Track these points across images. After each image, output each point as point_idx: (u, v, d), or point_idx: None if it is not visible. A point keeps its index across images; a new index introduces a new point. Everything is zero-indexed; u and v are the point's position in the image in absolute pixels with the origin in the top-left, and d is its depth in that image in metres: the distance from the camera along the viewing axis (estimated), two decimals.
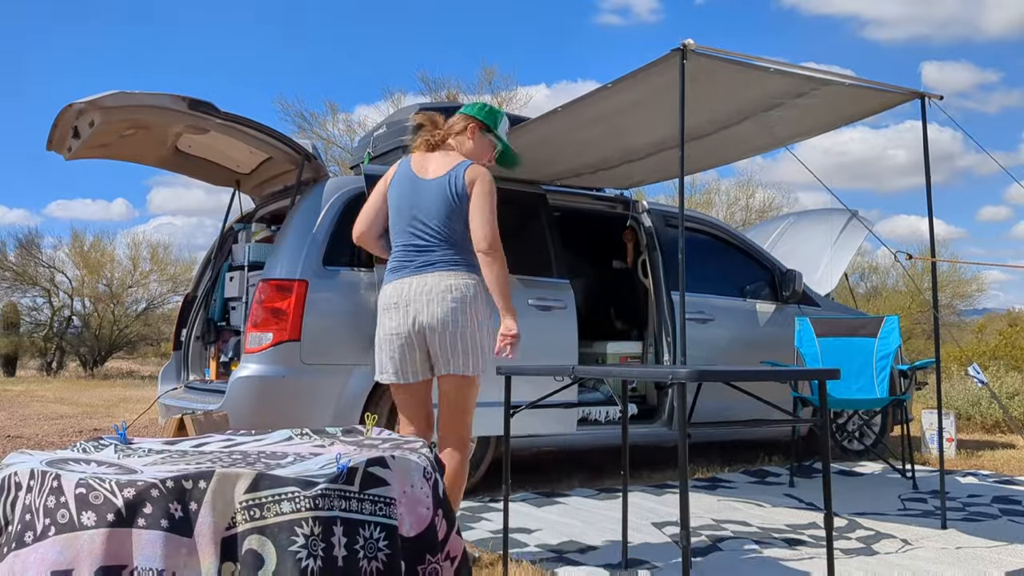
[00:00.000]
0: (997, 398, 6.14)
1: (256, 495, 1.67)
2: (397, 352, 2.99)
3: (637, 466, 5.51)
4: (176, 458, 1.98)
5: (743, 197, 18.66)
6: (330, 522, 1.70)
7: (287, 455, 2.04)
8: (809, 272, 6.39)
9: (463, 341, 2.94)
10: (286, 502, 1.67)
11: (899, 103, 4.11)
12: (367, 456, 1.87)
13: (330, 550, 1.69)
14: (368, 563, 1.75)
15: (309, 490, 1.69)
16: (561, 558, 3.25)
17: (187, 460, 1.94)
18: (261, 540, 1.65)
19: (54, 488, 1.65)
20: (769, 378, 4.77)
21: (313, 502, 1.68)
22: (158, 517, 1.60)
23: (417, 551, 1.87)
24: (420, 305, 2.94)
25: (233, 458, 1.96)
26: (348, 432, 2.37)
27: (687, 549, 2.24)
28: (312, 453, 2.08)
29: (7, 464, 1.81)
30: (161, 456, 2.01)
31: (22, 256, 18.32)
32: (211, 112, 4.19)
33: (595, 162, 4.97)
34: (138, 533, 1.59)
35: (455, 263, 2.99)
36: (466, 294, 2.96)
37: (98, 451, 2.05)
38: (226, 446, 2.17)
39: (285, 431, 2.34)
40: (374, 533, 1.79)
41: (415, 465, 1.93)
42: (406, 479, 1.90)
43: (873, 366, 5.18)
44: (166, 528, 1.61)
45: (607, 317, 6.43)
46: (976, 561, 3.23)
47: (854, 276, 17.98)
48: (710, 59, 3.51)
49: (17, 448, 6.27)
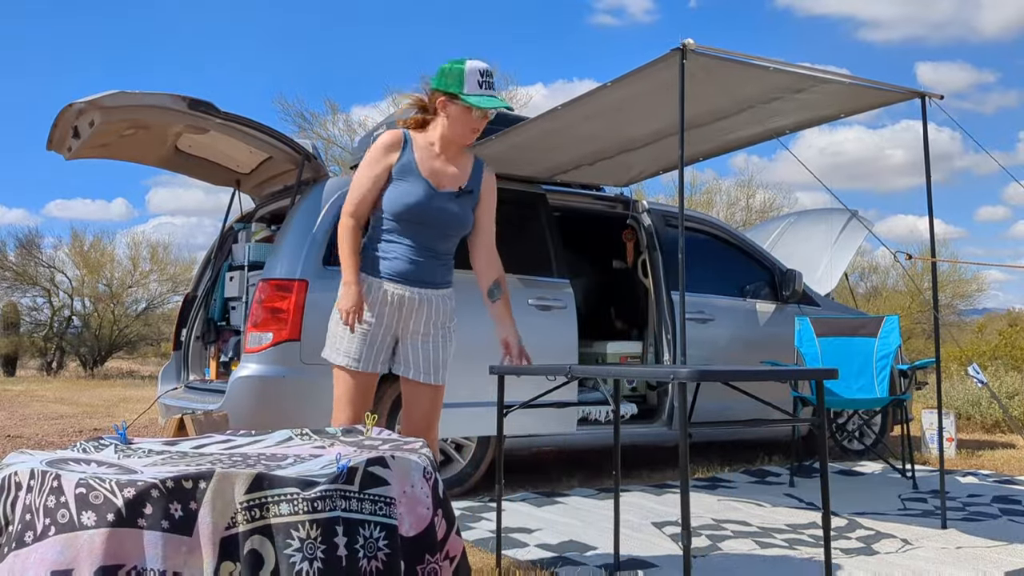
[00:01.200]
0: (997, 398, 6.14)
1: (256, 495, 1.67)
2: (378, 342, 2.84)
3: (637, 466, 5.51)
4: (176, 459, 1.98)
5: (743, 197, 18.67)
6: (331, 522, 1.70)
7: (287, 456, 2.04)
8: (809, 272, 6.39)
9: (447, 354, 2.94)
10: (285, 503, 1.67)
11: (900, 100, 4.12)
12: (367, 456, 1.87)
13: (332, 551, 1.69)
14: (368, 563, 1.75)
15: (309, 491, 1.69)
16: (561, 558, 3.25)
17: (187, 461, 1.94)
18: (261, 540, 1.66)
19: (54, 488, 1.65)
20: (769, 378, 4.76)
21: (313, 504, 1.68)
22: (158, 517, 1.60)
23: (416, 551, 1.87)
24: (420, 317, 2.87)
25: (233, 460, 1.96)
26: (348, 432, 2.37)
27: (688, 549, 2.24)
28: (312, 454, 2.08)
29: (7, 464, 1.81)
30: (161, 457, 2.01)
31: (22, 256, 18.33)
32: (211, 112, 4.19)
33: (594, 152, 4.98)
34: (138, 533, 1.59)
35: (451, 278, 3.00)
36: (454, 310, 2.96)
37: (98, 451, 2.05)
38: (226, 447, 2.17)
39: (285, 432, 2.34)
40: (374, 532, 1.79)
41: (415, 465, 1.93)
42: (406, 479, 1.90)
43: (873, 366, 5.18)
44: (166, 528, 1.61)
45: (607, 317, 6.43)
46: (976, 561, 3.23)
47: (854, 276, 18.00)
48: (709, 58, 3.51)
49: (17, 448, 6.27)
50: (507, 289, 3.04)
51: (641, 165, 5.34)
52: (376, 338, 2.84)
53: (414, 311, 2.86)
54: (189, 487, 1.65)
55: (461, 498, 4.47)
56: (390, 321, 2.86)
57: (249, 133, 4.42)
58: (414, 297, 2.85)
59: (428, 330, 2.89)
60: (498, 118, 5.37)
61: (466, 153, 2.94)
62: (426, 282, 2.87)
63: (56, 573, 1.55)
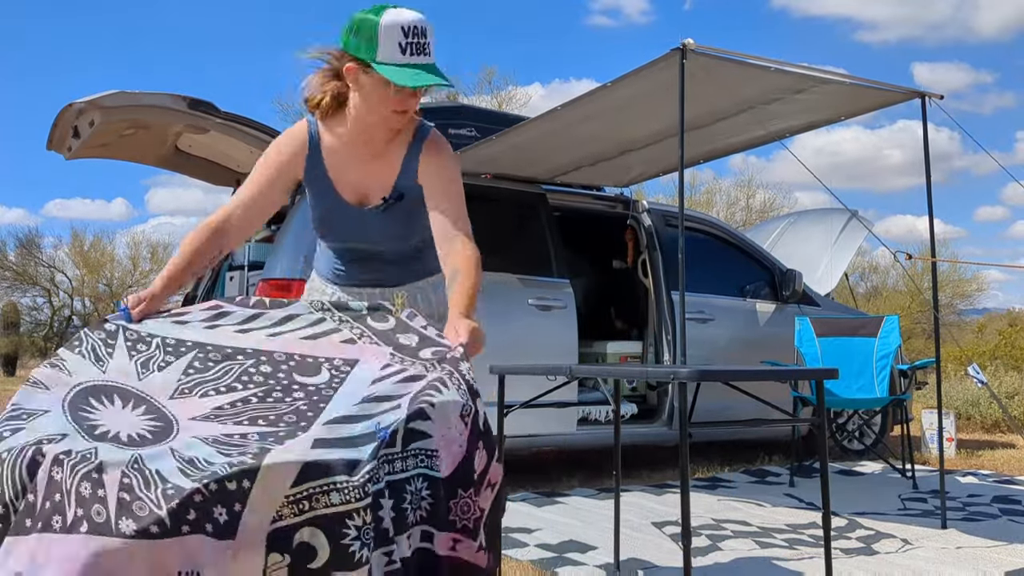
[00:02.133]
0: (997, 398, 6.14)
1: (303, 487, 1.61)
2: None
3: (637, 466, 5.51)
4: (200, 366, 1.87)
5: (743, 197, 18.68)
6: (378, 496, 1.65)
7: (319, 367, 1.90)
8: (809, 272, 6.39)
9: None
10: (335, 493, 1.60)
11: (900, 101, 4.12)
12: (406, 411, 1.79)
13: (379, 523, 1.66)
14: (414, 514, 1.73)
15: (356, 475, 1.63)
16: (561, 558, 3.25)
17: (213, 370, 1.85)
18: (312, 532, 1.59)
19: (92, 477, 1.51)
20: (769, 378, 4.78)
21: (363, 489, 1.61)
22: (202, 522, 1.52)
23: (450, 488, 1.83)
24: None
25: (263, 372, 1.86)
26: (376, 313, 2.03)
27: (688, 549, 2.24)
28: (344, 360, 1.93)
29: (30, 413, 1.66)
30: (177, 358, 1.89)
31: (22, 256, 18.34)
32: (211, 112, 4.20)
33: (595, 154, 4.98)
34: (181, 541, 1.50)
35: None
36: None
37: (108, 348, 1.92)
38: (246, 343, 1.96)
39: (304, 306, 2.04)
40: (417, 484, 1.76)
41: (453, 406, 1.83)
42: (445, 423, 1.82)
43: (873, 366, 5.18)
44: (211, 533, 1.52)
45: (607, 317, 6.43)
46: (976, 561, 3.23)
47: (854, 276, 18.00)
48: (709, 58, 3.51)
49: None
50: (474, 280, 2.04)
51: (641, 167, 5.35)
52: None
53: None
54: (233, 488, 1.57)
55: None
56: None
57: (249, 133, 4.42)
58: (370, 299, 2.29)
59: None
60: (498, 118, 5.36)
61: (400, 135, 2.12)
62: (381, 283, 2.31)
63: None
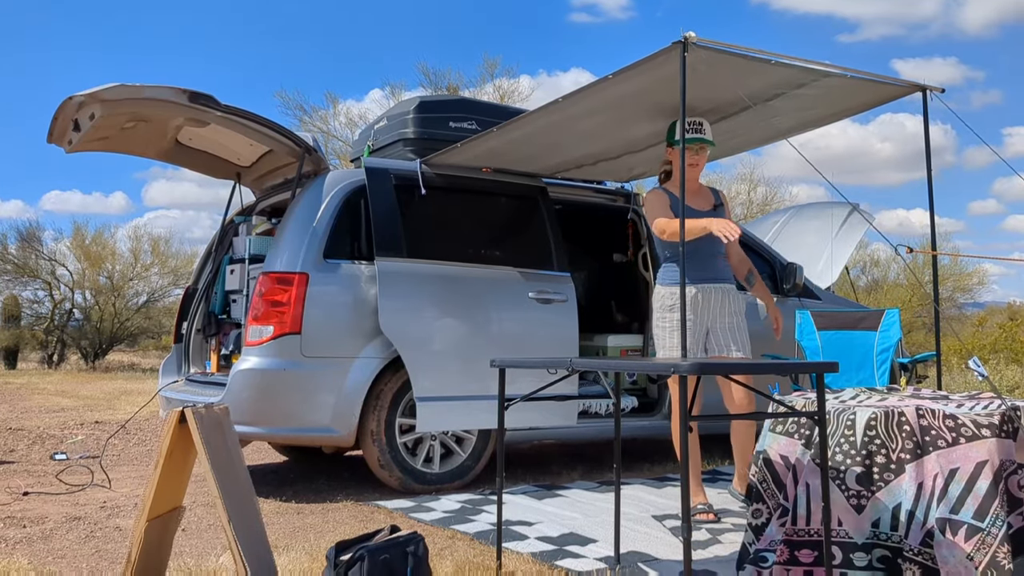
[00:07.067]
0: (997, 391, 6.13)
1: None
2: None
3: (637, 459, 5.52)
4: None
5: (743, 191, 18.66)
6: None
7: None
8: (810, 265, 6.39)
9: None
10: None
11: (900, 96, 4.11)
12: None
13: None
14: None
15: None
16: (561, 551, 3.26)
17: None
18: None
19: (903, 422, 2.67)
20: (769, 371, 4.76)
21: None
22: (1009, 431, 2.58)
23: None
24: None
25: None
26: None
27: (688, 542, 2.24)
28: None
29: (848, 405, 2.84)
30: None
31: (23, 249, 18.32)
32: (211, 105, 4.19)
33: (596, 152, 4.97)
34: (1001, 441, 2.54)
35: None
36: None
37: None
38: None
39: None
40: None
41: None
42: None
43: (874, 359, 5.19)
44: (1008, 435, 2.58)
45: (608, 310, 6.44)
46: None
47: (855, 269, 18.00)
48: (710, 51, 3.50)
49: (15, 442, 6.28)
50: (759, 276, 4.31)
51: (643, 166, 5.33)
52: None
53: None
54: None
55: (461, 491, 4.48)
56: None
57: (249, 126, 4.42)
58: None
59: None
60: (497, 111, 5.36)
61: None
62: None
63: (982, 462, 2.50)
